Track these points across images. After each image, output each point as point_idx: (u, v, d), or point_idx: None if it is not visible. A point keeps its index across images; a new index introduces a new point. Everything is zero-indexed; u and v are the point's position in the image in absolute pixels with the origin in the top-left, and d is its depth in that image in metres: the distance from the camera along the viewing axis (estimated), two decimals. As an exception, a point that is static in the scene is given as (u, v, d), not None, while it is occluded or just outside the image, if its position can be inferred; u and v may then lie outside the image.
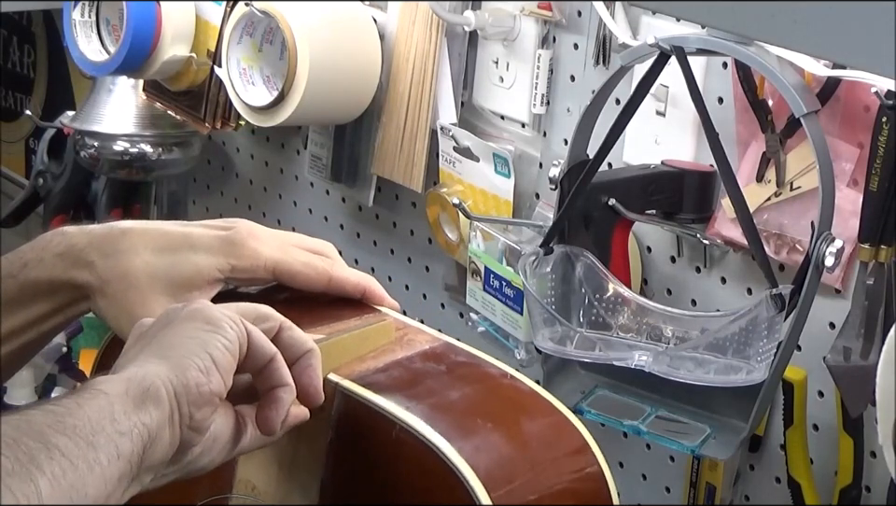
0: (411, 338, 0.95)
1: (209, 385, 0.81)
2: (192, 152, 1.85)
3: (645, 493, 1.47)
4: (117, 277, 0.94)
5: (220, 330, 0.82)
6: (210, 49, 1.68)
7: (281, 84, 1.54)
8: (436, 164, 1.56)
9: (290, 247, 0.98)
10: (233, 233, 0.96)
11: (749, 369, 1.17)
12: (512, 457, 0.86)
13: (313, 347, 0.86)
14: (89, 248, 0.95)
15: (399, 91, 1.58)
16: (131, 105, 1.82)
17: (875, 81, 1.17)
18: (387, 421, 0.85)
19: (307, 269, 0.97)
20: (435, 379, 0.91)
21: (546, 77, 1.46)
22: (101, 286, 0.94)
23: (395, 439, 0.84)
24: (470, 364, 0.94)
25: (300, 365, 0.86)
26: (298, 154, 1.82)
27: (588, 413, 1.28)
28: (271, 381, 0.85)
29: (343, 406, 0.87)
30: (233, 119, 1.71)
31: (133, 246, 0.95)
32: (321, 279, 0.98)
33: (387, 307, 1.00)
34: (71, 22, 1.73)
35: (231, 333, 0.82)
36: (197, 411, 0.80)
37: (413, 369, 0.91)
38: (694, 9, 0.95)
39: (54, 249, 0.96)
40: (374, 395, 0.87)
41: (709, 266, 1.36)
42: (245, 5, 1.56)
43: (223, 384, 0.82)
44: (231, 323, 0.83)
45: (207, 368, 0.81)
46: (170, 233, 0.96)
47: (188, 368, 0.80)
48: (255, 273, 0.96)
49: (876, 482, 1.26)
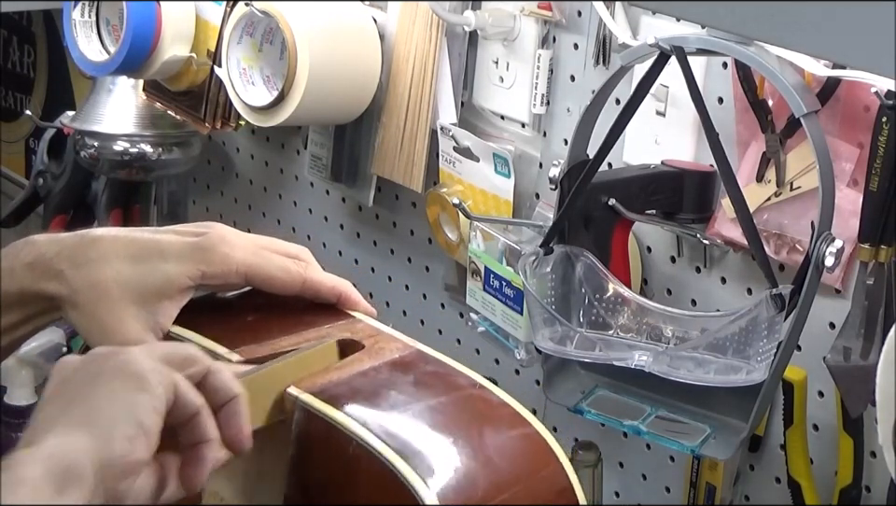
0: (381, 346, 0.93)
1: (134, 454, 0.78)
2: (192, 152, 1.85)
3: (645, 493, 1.47)
4: (87, 287, 0.92)
5: (148, 389, 0.79)
6: (210, 49, 1.68)
7: (281, 84, 1.54)
8: (436, 164, 1.56)
9: (264, 251, 0.97)
10: (204, 239, 0.94)
11: (749, 369, 1.17)
12: (474, 474, 0.84)
13: (238, 393, 0.83)
14: (58, 258, 0.93)
15: (399, 91, 1.58)
16: (131, 105, 1.82)
17: (875, 81, 1.17)
18: (345, 436, 0.83)
19: (281, 273, 0.96)
20: (400, 391, 0.89)
21: (546, 77, 1.46)
22: (71, 296, 0.92)
23: (352, 455, 0.83)
24: (438, 374, 0.91)
25: (225, 413, 0.83)
26: (298, 154, 1.82)
27: (588, 413, 1.28)
28: (194, 436, 0.82)
29: (303, 420, 0.86)
30: (233, 119, 1.71)
31: (103, 256, 0.93)
32: (295, 283, 0.96)
33: (362, 312, 0.99)
34: (71, 22, 1.73)
35: (158, 391, 0.79)
36: (121, 482, 0.78)
37: (378, 380, 0.89)
38: (694, 9, 0.95)
39: (23, 259, 0.94)
40: (332, 409, 0.85)
41: (709, 266, 1.36)
42: (245, 5, 1.56)
43: (149, 450, 0.79)
44: (158, 379, 0.80)
45: (133, 436, 0.78)
46: (140, 241, 0.94)
47: (113, 439, 0.78)
48: (227, 278, 0.95)
49: (876, 482, 1.26)
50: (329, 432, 0.84)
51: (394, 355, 0.92)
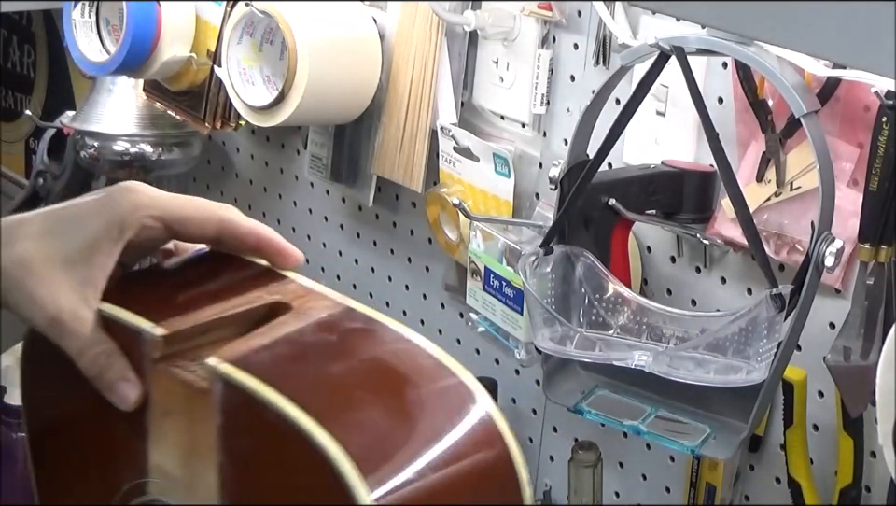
0: (310, 306, 0.91)
1: None
2: (192, 152, 1.85)
3: (645, 493, 1.47)
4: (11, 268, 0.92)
5: None
6: (210, 49, 1.68)
7: (281, 84, 1.54)
8: (436, 164, 1.56)
9: (178, 196, 0.96)
10: (113, 190, 0.94)
11: (749, 369, 1.17)
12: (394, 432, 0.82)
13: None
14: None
15: (399, 91, 1.58)
16: (131, 105, 1.82)
17: (875, 81, 1.17)
18: (263, 405, 0.82)
19: (196, 211, 0.94)
20: (322, 352, 0.88)
21: (546, 77, 1.46)
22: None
23: (271, 423, 0.82)
24: (365, 331, 0.90)
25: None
26: (298, 154, 1.82)
27: (588, 413, 1.28)
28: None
29: (223, 391, 0.85)
30: (233, 119, 1.71)
31: (23, 235, 0.93)
32: (211, 221, 0.94)
33: (286, 255, 0.96)
34: (71, 22, 1.73)
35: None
36: None
37: (301, 342, 0.88)
38: (694, 9, 0.95)
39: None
40: (250, 379, 0.84)
41: (709, 266, 1.36)
42: (245, 5, 1.56)
43: None
44: None
45: None
46: (54, 212, 0.94)
47: None
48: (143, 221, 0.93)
49: (876, 482, 1.26)
50: (250, 401, 0.83)
51: (321, 314, 0.90)
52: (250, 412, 0.84)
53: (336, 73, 1.56)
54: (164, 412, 0.88)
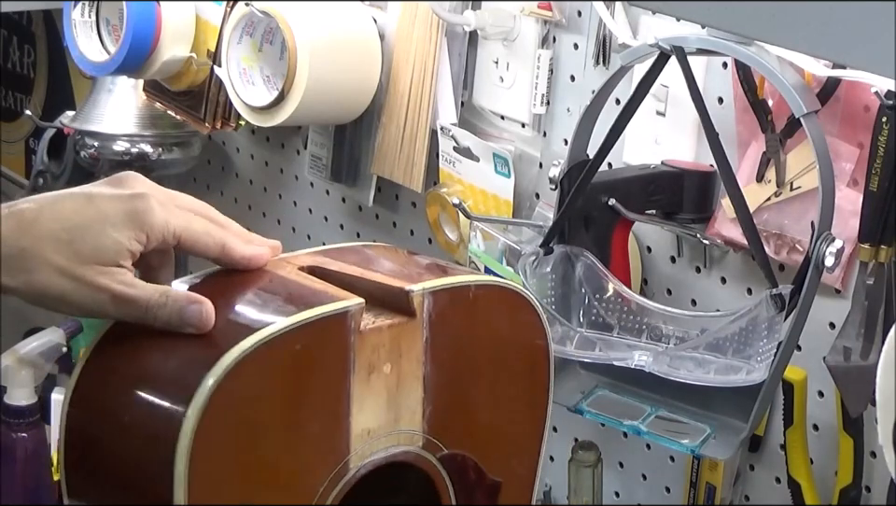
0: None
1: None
2: (192, 152, 1.85)
3: (645, 493, 1.47)
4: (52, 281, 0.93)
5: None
6: (210, 49, 1.68)
7: (281, 84, 1.54)
8: (436, 164, 1.56)
9: (189, 214, 1.00)
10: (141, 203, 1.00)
11: (749, 369, 1.17)
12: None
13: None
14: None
15: (399, 91, 1.58)
16: (131, 105, 1.82)
17: (875, 81, 1.17)
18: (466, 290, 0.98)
19: (206, 237, 0.99)
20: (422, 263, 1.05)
21: (546, 77, 1.46)
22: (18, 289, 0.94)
23: (468, 301, 0.98)
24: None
25: None
26: (298, 154, 1.82)
27: (588, 413, 1.28)
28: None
29: (431, 302, 0.95)
30: (233, 119, 1.71)
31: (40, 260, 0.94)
32: (216, 246, 0.99)
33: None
34: (71, 22, 1.73)
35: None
36: None
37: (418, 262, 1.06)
38: (694, 9, 0.95)
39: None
40: (438, 280, 0.97)
41: (709, 266, 1.36)
42: (245, 5, 1.56)
43: None
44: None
45: None
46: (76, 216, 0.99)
47: None
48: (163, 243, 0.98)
49: (876, 482, 1.26)
50: (455, 295, 0.98)
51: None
52: (453, 309, 0.97)
53: (336, 73, 1.56)
54: (370, 370, 0.93)
